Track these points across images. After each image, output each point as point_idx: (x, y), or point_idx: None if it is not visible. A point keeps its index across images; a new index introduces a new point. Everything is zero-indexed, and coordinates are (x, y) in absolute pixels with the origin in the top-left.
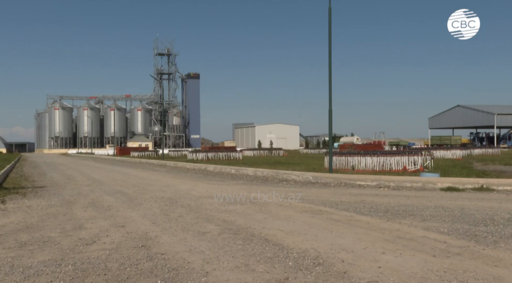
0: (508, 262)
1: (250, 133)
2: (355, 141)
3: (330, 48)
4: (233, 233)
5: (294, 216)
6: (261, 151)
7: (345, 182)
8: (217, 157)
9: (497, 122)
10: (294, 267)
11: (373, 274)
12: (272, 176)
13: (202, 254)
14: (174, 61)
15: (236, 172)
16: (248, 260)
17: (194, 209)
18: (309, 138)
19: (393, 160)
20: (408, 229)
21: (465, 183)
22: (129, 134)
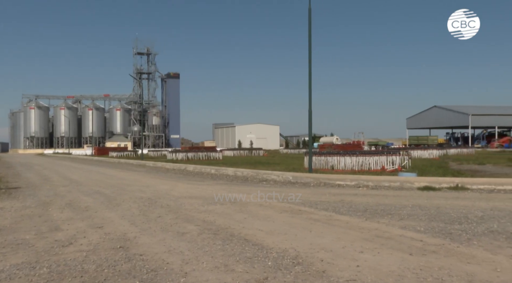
0: (480, 258)
1: (230, 133)
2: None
3: (310, 48)
4: (212, 233)
5: (273, 216)
6: (241, 151)
7: (324, 182)
8: (197, 157)
9: (472, 123)
10: (273, 267)
11: (351, 273)
12: (252, 176)
13: (181, 255)
14: (154, 60)
15: (216, 172)
16: (228, 260)
17: (173, 210)
18: (289, 138)
19: (371, 160)
20: (386, 228)
21: (441, 182)
22: (108, 134)
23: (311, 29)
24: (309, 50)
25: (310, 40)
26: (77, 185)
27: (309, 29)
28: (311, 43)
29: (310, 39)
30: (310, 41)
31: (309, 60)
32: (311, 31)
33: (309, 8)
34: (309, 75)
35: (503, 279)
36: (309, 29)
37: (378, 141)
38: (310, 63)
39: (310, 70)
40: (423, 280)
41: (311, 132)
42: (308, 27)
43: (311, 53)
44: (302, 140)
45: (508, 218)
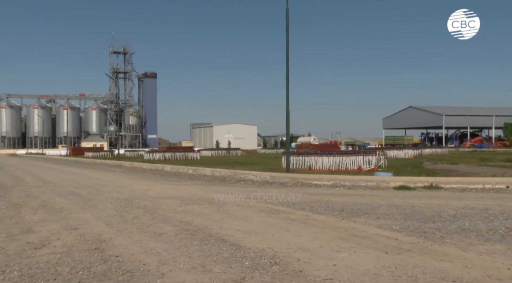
0: (453, 256)
1: (208, 133)
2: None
3: (287, 48)
4: (190, 234)
5: (251, 216)
6: (219, 151)
7: (302, 181)
8: (174, 157)
9: (446, 123)
10: (251, 266)
11: (328, 272)
12: (230, 176)
13: (158, 256)
14: (130, 60)
15: (193, 172)
16: (205, 260)
17: (150, 210)
18: (267, 138)
19: (348, 159)
20: (362, 227)
21: (416, 182)
22: (83, 134)
23: (288, 30)
24: (287, 50)
25: (287, 40)
26: (51, 186)
27: (287, 30)
28: (288, 43)
29: (288, 40)
30: (287, 41)
31: (286, 60)
32: (288, 31)
33: (286, 8)
34: (287, 75)
35: (473, 275)
36: (287, 29)
37: (355, 141)
38: (287, 63)
39: (287, 70)
40: (398, 278)
41: (288, 132)
42: (285, 27)
43: (288, 53)
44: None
45: (478, 216)
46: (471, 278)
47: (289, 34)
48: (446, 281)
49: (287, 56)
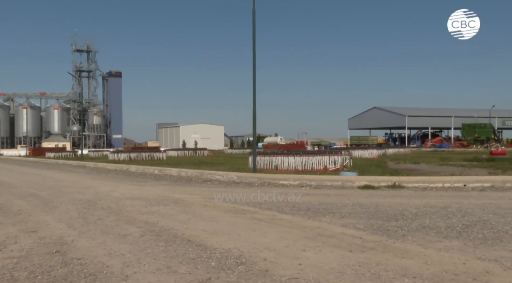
0: (414, 253)
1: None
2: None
3: (254, 48)
4: (155, 235)
5: (217, 216)
6: (185, 151)
7: (268, 181)
8: (140, 158)
9: (408, 123)
10: (216, 267)
11: (293, 271)
12: (196, 176)
13: (122, 257)
14: (94, 58)
15: (159, 172)
16: (170, 261)
17: (114, 211)
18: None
19: (314, 159)
20: (327, 226)
21: (380, 181)
22: (45, 134)
23: (255, 29)
24: (253, 50)
25: (254, 40)
26: (8, 188)
27: (253, 29)
28: (255, 43)
29: (254, 39)
30: (254, 41)
31: (253, 60)
32: (255, 31)
33: (253, 9)
34: (253, 75)
35: (432, 271)
36: (253, 29)
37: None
38: (254, 63)
39: (254, 70)
40: (361, 276)
41: (255, 132)
42: (252, 27)
43: (255, 53)
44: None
45: (438, 214)
46: (430, 273)
47: (255, 35)
48: (407, 277)
49: (254, 56)
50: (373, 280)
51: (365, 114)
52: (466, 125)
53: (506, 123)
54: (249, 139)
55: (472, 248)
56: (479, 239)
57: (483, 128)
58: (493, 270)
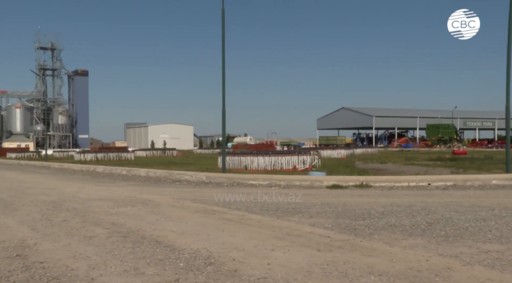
0: (380, 251)
1: (142, 133)
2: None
3: (223, 48)
4: (122, 236)
5: (186, 216)
6: (154, 152)
7: (238, 181)
8: (107, 158)
9: (375, 124)
10: (185, 268)
11: (262, 271)
12: (165, 177)
13: (87, 260)
14: (59, 56)
15: (127, 173)
16: (138, 263)
17: (80, 213)
18: (203, 138)
19: (284, 159)
20: (296, 226)
21: (348, 180)
22: (6, 133)
23: (224, 29)
24: (223, 50)
25: (223, 41)
26: None
27: (223, 29)
28: (224, 43)
29: (224, 40)
30: (223, 41)
31: (222, 61)
32: (224, 31)
33: (222, 9)
34: (223, 75)
35: (397, 268)
36: (223, 29)
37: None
38: (223, 63)
39: (223, 70)
40: (329, 275)
41: (224, 132)
42: (221, 27)
43: (224, 54)
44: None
45: (404, 213)
46: (396, 271)
47: (225, 34)
48: (373, 275)
49: (223, 56)
50: (341, 278)
51: (333, 115)
52: (431, 126)
53: (467, 124)
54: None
55: (435, 245)
56: (441, 236)
57: (446, 129)
58: (453, 266)
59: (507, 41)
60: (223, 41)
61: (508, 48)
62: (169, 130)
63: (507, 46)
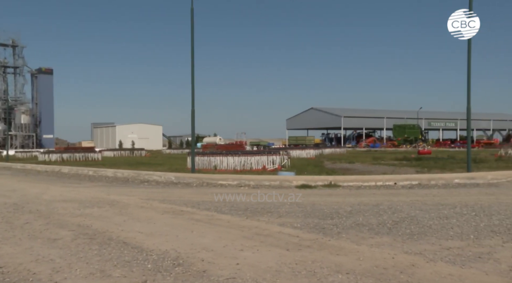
0: (348, 250)
1: (110, 133)
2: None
3: (192, 48)
4: (88, 238)
5: (155, 217)
6: (122, 152)
7: (207, 182)
8: (73, 158)
9: (344, 124)
10: (153, 269)
11: (231, 271)
12: (133, 177)
13: (51, 263)
14: (21, 53)
15: (94, 173)
16: (104, 265)
17: (44, 215)
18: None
19: (253, 159)
20: (265, 225)
21: (317, 180)
22: None
23: (193, 28)
24: (192, 50)
25: (192, 39)
26: None
27: (192, 28)
28: (193, 42)
29: (193, 39)
30: (192, 40)
31: (191, 60)
32: (193, 30)
33: (191, 8)
34: (192, 75)
35: (364, 266)
36: (192, 28)
37: (260, 141)
38: (192, 62)
39: (192, 69)
40: (298, 274)
41: (193, 132)
42: (190, 26)
43: (193, 53)
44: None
45: (371, 212)
46: (363, 269)
47: (194, 33)
48: (341, 273)
49: (192, 55)
50: (309, 277)
51: (303, 115)
52: (397, 126)
53: (431, 124)
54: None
55: (401, 243)
56: (406, 234)
57: (411, 129)
58: (417, 263)
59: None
60: (192, 40)
61: (468, 52)
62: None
63: (467, 50)
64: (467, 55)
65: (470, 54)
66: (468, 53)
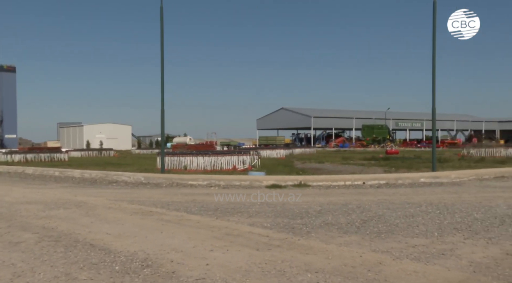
0: (317, 249)
1: (77, 133)
2: (188, 141)
3: (162, 46)
4: (53, 241)
5: (123, 218)
6: (90, 152)
7: (177, 182)
8: (38, 159)
9: (314, 124)
10: (121, 271)
11: (201, 272)
12: (101, 178)
13: (12, 267)
14: None
15: (60, 174)
16: (70, 268)
17: (6, 217)
18: (142, 138)
19: (223, 159)
20: (235, 225)
21: (287, 180)
22: None
23: (163, 27)
24: (161, 49)
25: (162, 39)
26: None
27: (161, 28)
28: (163, 40)
29: (162, 38)
30: (162, 40)
31: (161, 58)
32: (163, 28)
33: (161, 6)
34: (162, 74)
35: (333, 265)
36: (161, 27)
37: (230, 141)
38: (162, 61)
39: (162, 68)
40: (267, 273)
41: (163, 131)
42: (160, 24)
43: (163, 52)
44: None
45: (340, 211)
46: (331, 268)
47: (163, 32)
48: (310, 272)
49: (162, 54)
50: (278, 277)
51: (273, 115)
52: (366, 126)
53: (399, 125)
54: (157, 139)
55: (368, 242)
56: (374, 233)
57: (380, 129)
58: (384, 261)
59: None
60: (161, 39)
61: (433, 54)
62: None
63: (432, 53)
64: (432, 58)
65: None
66: (433, 57)
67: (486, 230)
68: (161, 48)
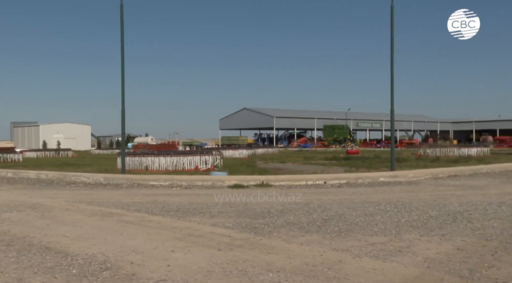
0: (279, 248)
1: (33, 132)
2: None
3: (122, 44)
4: (5, 245)
5: (82, 220)
6: (46, 152)
7: (138, 182)
8: None
9: (276, 124)
10: (78, 274)
11: (162, 273)
12: (58, 179)
13: None
14: None
15: (14, 175)
16: (23, 273)
17: None
18: (102, 138)
19: (186, 159)
20: (197, 226)
21: (249, 180)
22: None
23: (123, 24)
24: (122, 47)
25: (122, 36)
26: None
27: (121, 25)
28: (123, 39)
29: (123, 35)
30: (122, 37)
31: (121, 57)
32: (123, 26)
33: (121, 4)
34: (122, 72)
35: (294, 264)
36: (121, 24)
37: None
38: (122, 59)
39: (122, 67)
40: (229, 273)
41: (124, 131)
42: (120, 21)
43: (123, 50)
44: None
45: (301, 211)
46: (293, 267)
47: (124, 29)
48: (271, 272)
49: (122, 52)
50: (240, 277)
51: (236, 115)
52: (327, 126)
53: (359, 125)
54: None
55: (329, 240)
56: (335, 231)
57: (341, 129)
58: (344, 259)
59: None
60: (121, 37)
61: (391, 56)
62: (64, 129)
63: (390, 55)
64: (390, 60)
65: (393, 60)
66: (391, 58)
67: (440, 227)
68: (121, 46)
